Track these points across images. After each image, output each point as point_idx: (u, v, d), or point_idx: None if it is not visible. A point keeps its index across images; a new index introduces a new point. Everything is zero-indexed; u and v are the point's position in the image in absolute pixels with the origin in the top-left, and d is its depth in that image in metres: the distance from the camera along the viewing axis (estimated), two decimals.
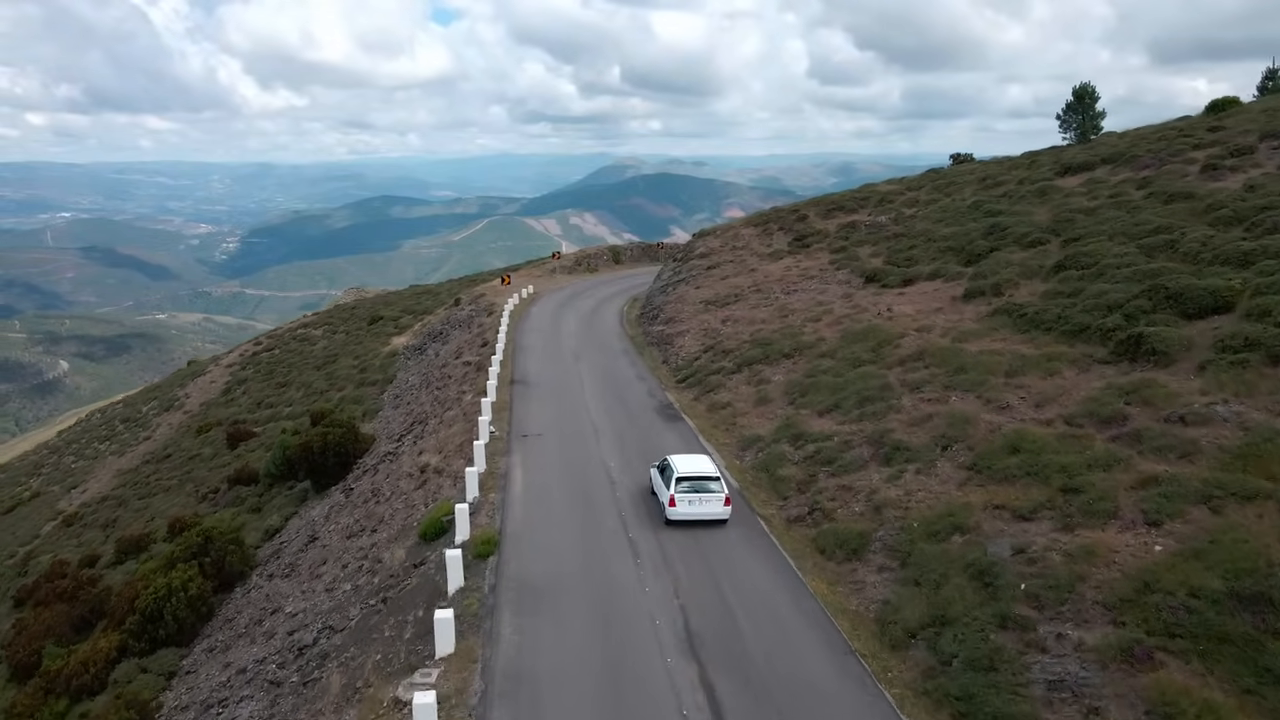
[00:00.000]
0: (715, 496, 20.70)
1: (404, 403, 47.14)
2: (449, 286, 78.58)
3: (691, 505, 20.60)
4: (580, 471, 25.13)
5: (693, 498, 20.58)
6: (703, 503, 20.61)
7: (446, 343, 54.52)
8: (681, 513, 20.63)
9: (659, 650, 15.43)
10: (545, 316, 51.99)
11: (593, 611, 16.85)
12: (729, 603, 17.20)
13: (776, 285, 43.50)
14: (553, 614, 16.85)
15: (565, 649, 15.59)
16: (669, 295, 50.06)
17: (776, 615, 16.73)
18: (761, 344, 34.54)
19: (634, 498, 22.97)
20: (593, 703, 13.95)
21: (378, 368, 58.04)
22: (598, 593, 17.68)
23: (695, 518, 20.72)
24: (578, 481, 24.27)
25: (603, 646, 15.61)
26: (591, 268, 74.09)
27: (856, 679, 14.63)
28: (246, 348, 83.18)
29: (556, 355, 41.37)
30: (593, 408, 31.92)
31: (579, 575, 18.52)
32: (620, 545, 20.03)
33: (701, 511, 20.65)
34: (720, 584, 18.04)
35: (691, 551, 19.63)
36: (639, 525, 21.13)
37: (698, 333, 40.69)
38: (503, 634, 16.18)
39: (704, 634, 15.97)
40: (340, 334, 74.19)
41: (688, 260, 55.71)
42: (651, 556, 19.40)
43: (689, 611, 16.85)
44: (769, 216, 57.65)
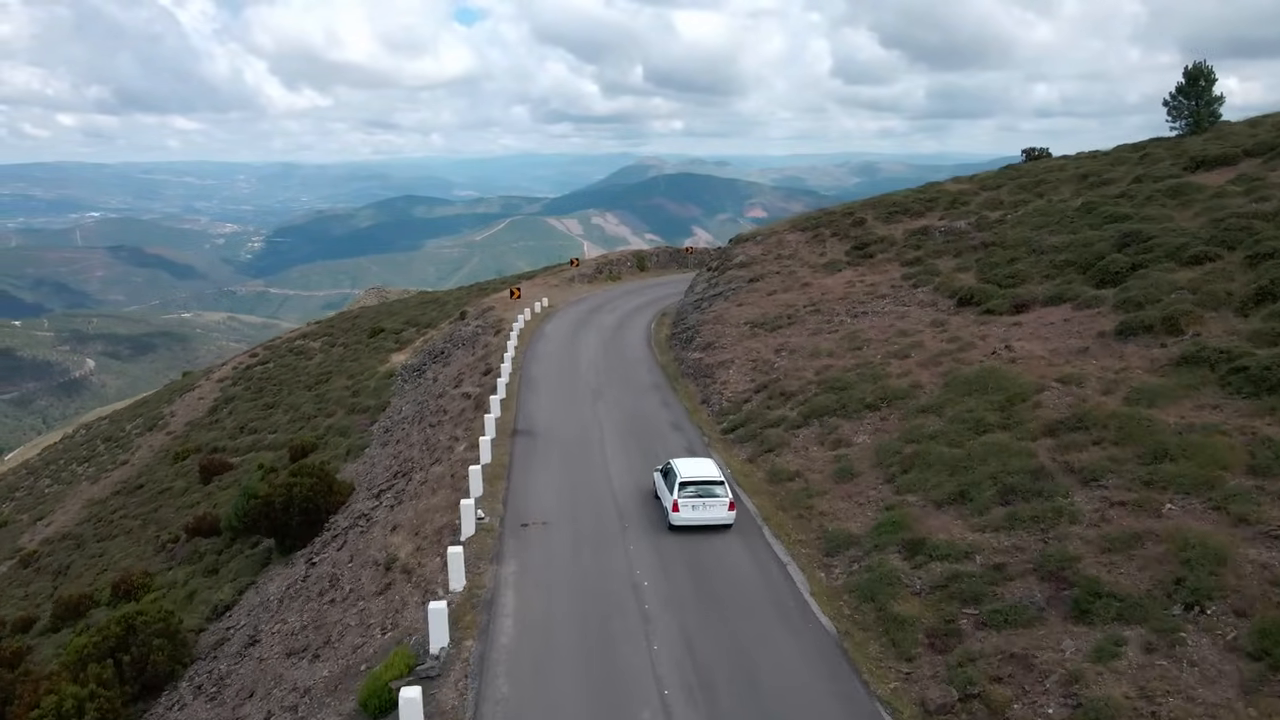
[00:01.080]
0: (719, 501, 19.88)
1: (393, 440, 39.43)
2: (457, 295, 70.99)
3: (695, 510, 19.74)
4: (600, 595, 17.11)
5: (696, 502, 19.72)
6: (706, 508, 19.75)
7: (448, 364, 46.80)
8: (685, 518, 19.74)
9: None
10: (560, 337, 44.05)
11: None
12: None
13: (839, 305, 35.31)
14: None
15: None
16: (705, 313, 41.97)
17: None
18: (833, 387, 26.38)
19: (684, 650, 14.89)
20: None
21: (371, 390, 50.45)
22: None
23: (699, 523, 19.79)
24: (596, 616, 16.24)
25: None
26: (614, 275, 66.10)
27: None
28: (241, 359, 75.98)
29: (571, 391, 33.41)
30: (617, 476, 23.91)
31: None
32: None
33: (705, 517, 19.77)
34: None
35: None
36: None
37: (745, 364, 32.58)
38: None
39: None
40: (338, 347, 66.76)
41: (725, 270, 47.59)
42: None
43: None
44: (818, 220, 49.39)
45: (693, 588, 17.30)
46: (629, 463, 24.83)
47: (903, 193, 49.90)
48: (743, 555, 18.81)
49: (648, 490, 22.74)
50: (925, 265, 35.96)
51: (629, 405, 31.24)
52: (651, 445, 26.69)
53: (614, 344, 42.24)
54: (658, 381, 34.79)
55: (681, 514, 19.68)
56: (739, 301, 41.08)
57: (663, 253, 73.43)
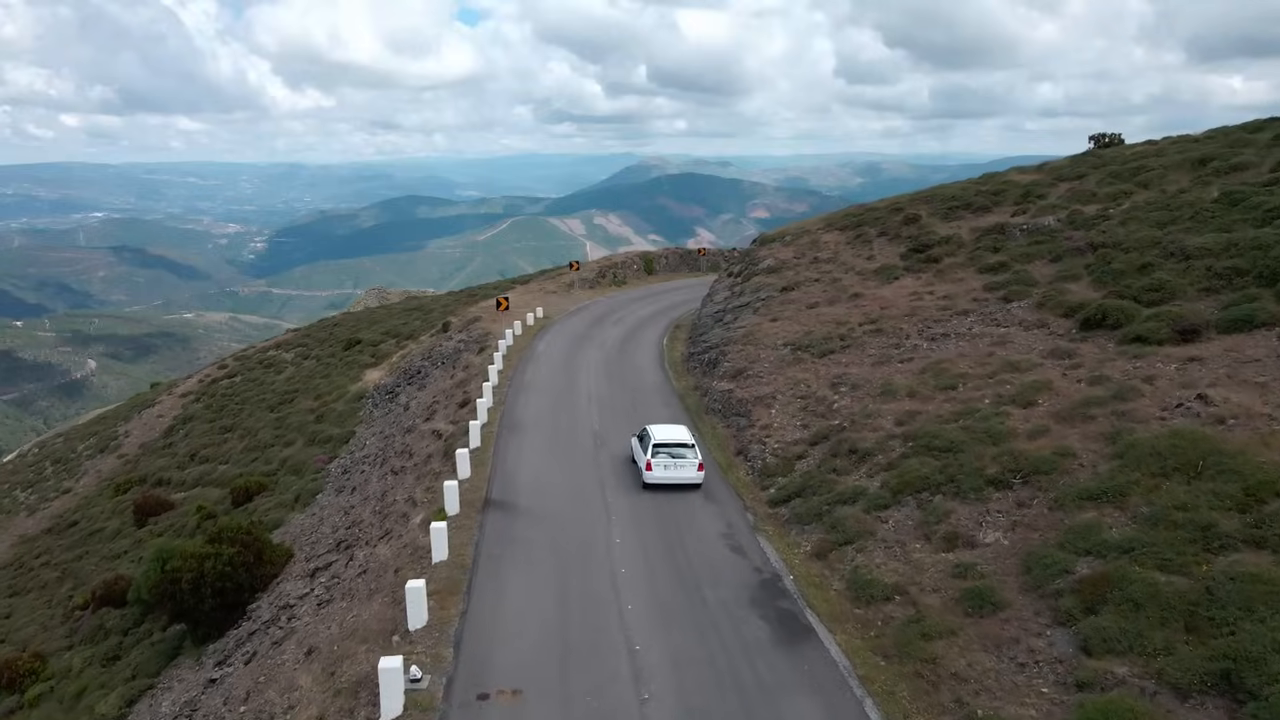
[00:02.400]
0: (689, 462, 20.68)
1: (349, 487, 31.56)
2: (444, 302, 63.16)
3: (667, 470, 20.58)
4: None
5: (669, 463, 20.57)
6: (678, 468, 20.58)
7: (424, 386, 38.95)
8: (657, 477, 20.60)
9: None
10: (555, 358, 36.09)
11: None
12: None
13: (907, 324, 27.33)
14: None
15: None
16: (731, 329, 34.05)
17: None
18: (930, 446, 18.45)
19: None
20: None
21: (337, 416, 42.57)
22: None
23: (670, 481, 20.59)
24: None
25: None
26: (618, 280, 58.15)
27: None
28: (209, 371, 68.10)
29: (566, 437, 25.44)
30: (632, 590, 15.97)
31: None
32: None
33: (676, 476, 20.60)
34: None
35: None
36: None
37: (792, 402, 24.63)
38: None
39: None
40: (311, 359, 58.86)
41: (750, 276, 39.64)
42: None
43: None
44: (859, 217, 41.38)
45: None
46: (649, 568, 16.86)
47: (958, 185, 41.87)
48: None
49: (680, 619, 14.82)
50: (1015, 273, 27.99)
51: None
52: (678, 525, 18.78)
53: (620, 367, 34.31)
54: (677, 420, 26.85)
55: (654, 473, 20.59)
56: (772, 315, 33.13)
57: (672, 255, 65.40)
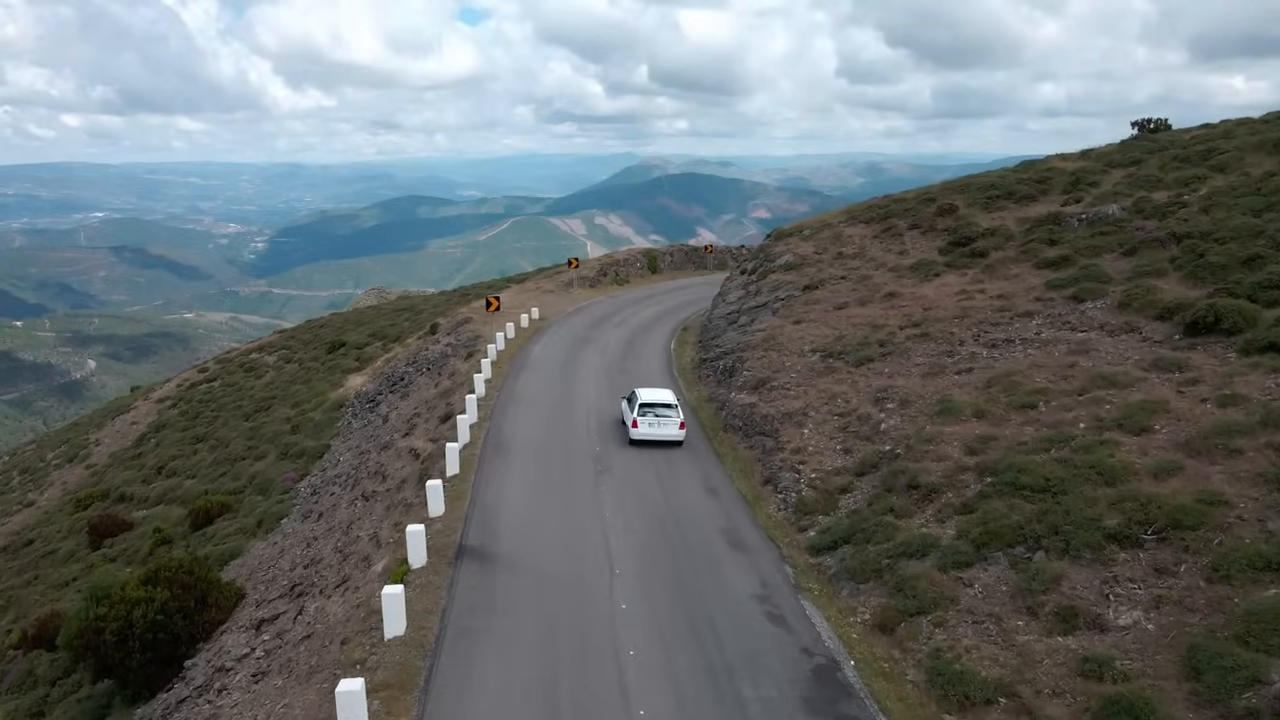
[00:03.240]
0: (672, 421, 22.04)
1: (314, 514, 27.55)
2: (435, 303, 59.08)
3: (651, 427, 21.91)
4: None
5: (653, 420, 21.91)
6: (661, 425, 21.94)
7: (406, 395, 34.96)
8: (642, 433, 21.91)
9: None
10: (550, 365, 32.02)
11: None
12: None
13: (959, 328, 23.29)
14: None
15: None
16: (749, 332, 30.02)
17: None
18: (1019, 483, 14.42)
19: None
20: None
21: (314, 426, 38.56)
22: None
23: (654, 438, 21.90)
24: None
25: None
26: (620, 278, 54.09)
27: None
28: (189, 375, 64.04)
29: (560, 462, 21.36)
30: (641, 682, 11.91)
31: None
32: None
33: (659, 433, 21.96)
34: None
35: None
36: None
37: (828, 420, 20.59)
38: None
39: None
40: (293, 363, 54.84)
41: (767, 274, 35.63)
42: None
43: None
44: (886, 208, 37.34)
45: None
46: (666, 646, 12.82)
47: (995, 173, 37.80)
48: None
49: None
50: (1082, 268, 23.95)
51: (652, 489, 19.26)
52: (700, 584, 14.77)
53: (623, 375, 30.24)
54: (691, 441, 22.81)
55: (640, 430, 21.85)
56: (795, 317, 29.09)
57: (677, 252, 61.32)
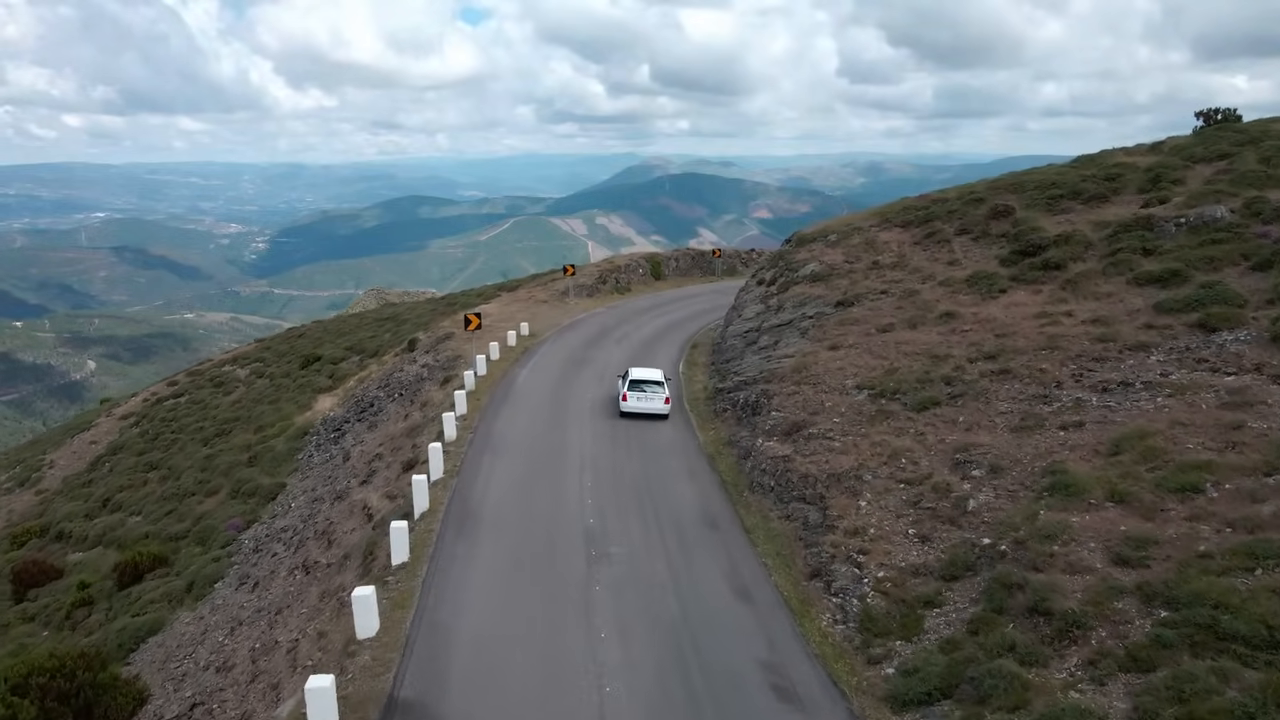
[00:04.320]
0: (658, 396, 23.87)
1: (250, 581, 22.50)
2: (419, 312, 53.85)
3: (639, 401, 23.76)
4: None
5: (641, 395, 23.75)
6: (648, 399, 23.79)
7: (374, 425, 29.90)
8: (631, 406, 23.78)
9: None
10: (537, 395, 26.84)
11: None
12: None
13: (1049, 362, 18.17)
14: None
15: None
16: (773, 358, 24.91)
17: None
18: (1218, 628, 9.37)
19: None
20: None
21: (272, 459, 33.50)
22: None
23: (642, 411, 23.77)
24: None
25: None
26: (621, 286, 48.97)
27: None
28: (157, 388, 59.01)
29: (544, 547, 16.10)
30: None
31: None
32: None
33: (647, 406, 23.81)
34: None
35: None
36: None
37: (891, 489, 15.51)
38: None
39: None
40: (265, 378, 49.78)
41: (789, 285, 30.53)
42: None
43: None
44: (925, 210, 32.19)
45: None
46: None
47: (1050, 169, 32.65)
48: None
49: None
50: (1202, 286, 18.84)
51: (663, 592, 14.15)
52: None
53: (625, 414, 25.14)
54: (710, 507, 17.69)
55: (629, 403, 23.76)
56: (830, 341, 23.99)
57: (682, 257, 56.14)
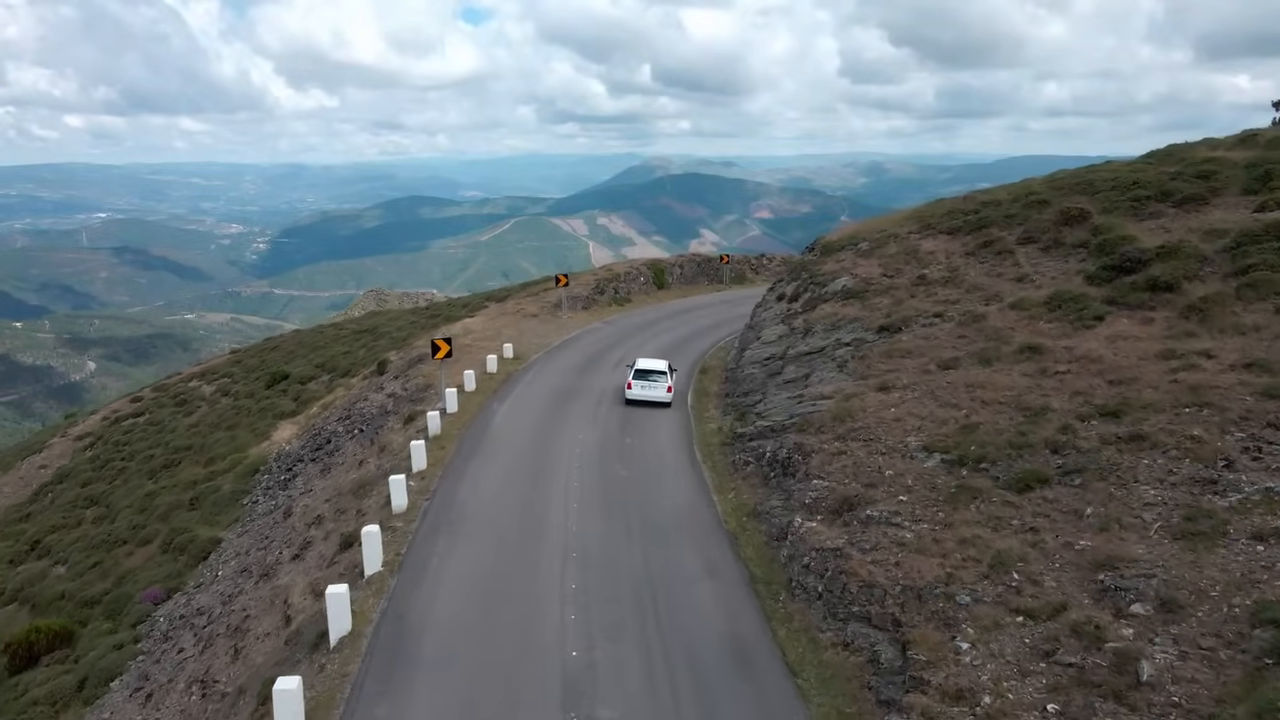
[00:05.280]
0: (661, 385, 24.89)
1: (143, 691, 17.57)
2: (399, 324, 48.74)
3: (643, 390, 24.84)
4: None
5: (645, 384, 24.87)
6: (652, 388, 24.86)
7: (327, 469, 24.97)
8: (635, 394, 24.86)
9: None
10: (516, 441, 21.82)
11: None
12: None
13: (1202, 425, 13.21)
14: None
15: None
16: (805, 397, 19.93)
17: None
18: None
19: None
20: None
21: (216, 501, 28.58)
22: None
23: (645, 399, 24.78)
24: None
25: None
26: (620, 297, 44.03)
27: None
28: (119, 405, 54.17)
29: (506, 679, 11.25)
30: None
31: None
32: None
33: (650, 395, 24.86)
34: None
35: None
36: None
37: (1003, 623, 10.56)
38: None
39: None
40: (230, 397, 44.88)
41: (816, 303, 25.58)
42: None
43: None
44: (974, 213, 27.20)
45: None
46: None
47: (1124, 166, 27.62)
48: None
49: None
50: None
51: None
52: None
53: (622, 461, 20.18)
54: (738, 626, 12.72)
55: (633, 391, 24.87)
56: (877, 378, 19.03)
57: (688, 263, 51.13)
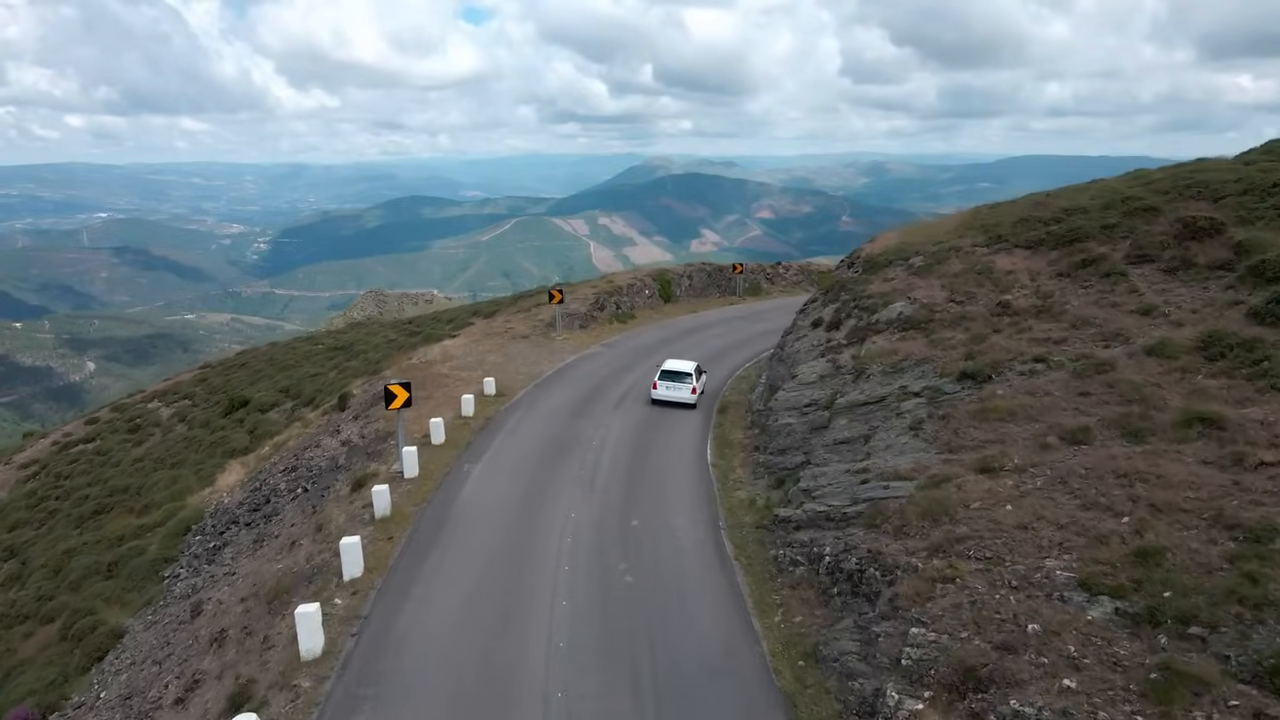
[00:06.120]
0: (686, 387, 24.90)
1: None
2: (375, 343, 43.35)
3: (668, 390, 24.90)
4: None
5: (670, 384, 24.93)
6: (677, 390, 24.88)
7: (260, 541, 19.65)
8: (660, 395, 24.94)
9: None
10: (490, 524, 16.43)
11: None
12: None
13: None
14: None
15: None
16: (869, 474, 14.65)
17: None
18: None
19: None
20: None
21: (133, 573, 23.28)
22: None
23: (670, 399, 24.81)
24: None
25: None
26: (622, 312, 38.74)
27: None
28: (73, 428, 48.88)
29: None
30: None
31: None
32: None
33: (674, 395, 24.88)
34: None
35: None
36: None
37: None
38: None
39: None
40: (185, 423, 39.58)
41: (865, 334, 20.27)
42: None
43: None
44: (1059, 223, 21.88)
45: None
46: None
47: (1233, 163, 22.28)
48: None
49: None
50: None
51: None
52: None
53: (626, 561, 14.88)
54: None
55: (658, 392, 24.93)
56: (974, 454, 13.72)
57: (697, 273, 45.78)
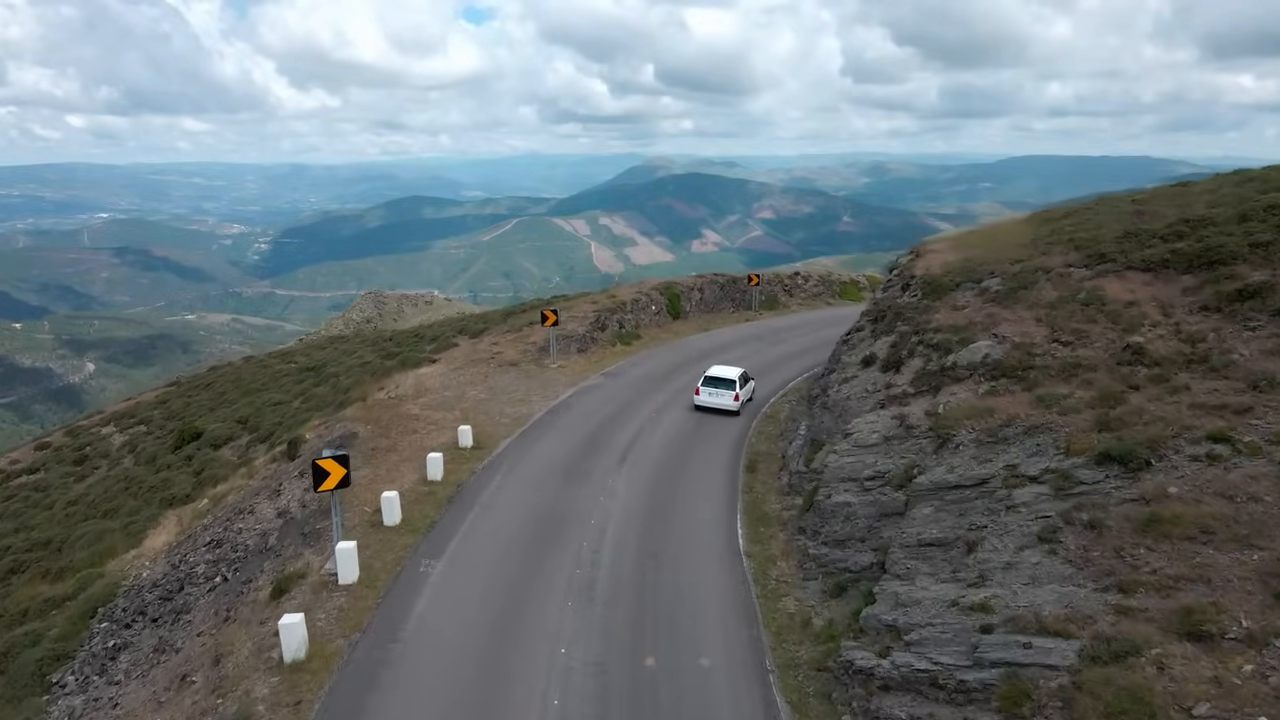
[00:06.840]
0: (728, 394, 24.83)
1: None
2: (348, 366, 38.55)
3: (710, 397, 24.95)
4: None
5: (713, 391, 24.97)
6: (719, 396, 24.89)
7: (161, 648, 14.90)
8: (703, 400, 25.04)
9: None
10: (439, 687, 11.78)
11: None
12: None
13: None
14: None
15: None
16: (993, 613, 9.93)
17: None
18: None
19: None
20: None
21: (22, 669, 18.58)
22: None
23: (712, 405, 24.92)
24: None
25: None
26: (626, 332, 34.02)
27: None
28: (21, 454, 44.08)
29: None
30: None
31: None
32: None
33: (717, 402, 24.90)
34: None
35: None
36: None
37: None
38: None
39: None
40: (133, 454, 34.88)
41: (937, 382, 15.58)
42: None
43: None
44: (1183, 236, 17.21)
45: None
46: None
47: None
48: None
49: None
50: None
51: None
52: None
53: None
54: None
55: (700, 397, 25.05)
56: (1159, 596, 9.10)
57: (708, 285, 40.92)
